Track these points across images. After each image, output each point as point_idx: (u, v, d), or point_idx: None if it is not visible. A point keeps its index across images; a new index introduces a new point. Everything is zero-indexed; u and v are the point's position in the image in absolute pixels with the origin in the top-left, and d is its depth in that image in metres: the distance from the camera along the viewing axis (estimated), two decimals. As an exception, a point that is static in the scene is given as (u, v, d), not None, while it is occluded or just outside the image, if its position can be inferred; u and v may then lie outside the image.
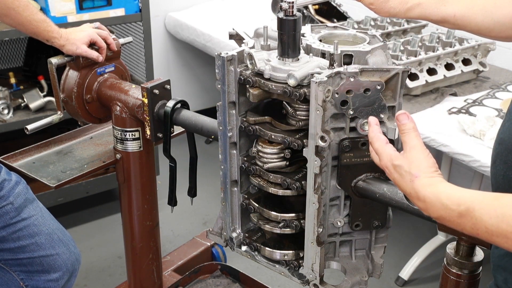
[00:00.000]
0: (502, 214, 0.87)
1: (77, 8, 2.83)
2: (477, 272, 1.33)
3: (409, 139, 1.06)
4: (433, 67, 2.54)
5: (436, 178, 1.00)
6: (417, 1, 1.47)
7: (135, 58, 3.28)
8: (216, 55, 1.38)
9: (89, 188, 3.09)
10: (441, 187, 0.98)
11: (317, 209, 1.34)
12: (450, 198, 0.95)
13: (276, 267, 1.52)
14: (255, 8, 3.73)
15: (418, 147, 1.05)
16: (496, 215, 0.88)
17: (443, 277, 1.36)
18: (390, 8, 1.49)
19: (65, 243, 1.86)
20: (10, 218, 1.73)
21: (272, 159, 1.43)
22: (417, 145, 1.05)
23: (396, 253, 2.89)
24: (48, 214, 1.85)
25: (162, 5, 3.77)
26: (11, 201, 1.72)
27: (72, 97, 1.90)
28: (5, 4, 1.73)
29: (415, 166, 1.02)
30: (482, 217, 0.90)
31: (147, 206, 2.01)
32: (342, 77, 1.25)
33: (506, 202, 0.88)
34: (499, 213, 0.88)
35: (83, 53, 1.85)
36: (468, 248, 1.32)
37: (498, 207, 0.88)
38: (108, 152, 2.03)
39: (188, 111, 1.77)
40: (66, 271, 1.85)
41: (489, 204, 0.90)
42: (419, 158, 1.03)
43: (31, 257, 1.79)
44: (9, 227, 1.74)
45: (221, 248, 2.65)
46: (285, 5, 1.29)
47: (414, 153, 1.04)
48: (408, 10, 1.48)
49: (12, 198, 1.72)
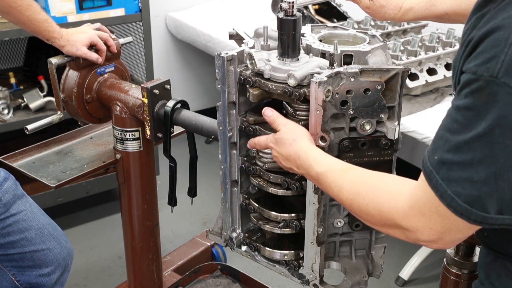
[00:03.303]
0: (341, 185, 1.11)
1: (77, 8, 2.83)
2: (477, 272, 1.33)
3: (280, 121, 1.27)
4: (433, 67, 2.54)
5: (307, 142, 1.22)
6: (409, 6, 1.54)
7: (135, 58, 3.28)
8: (216, 55, 1.38)
9: (89, 188, 3.09)
10: (311, 151, 1.20)
11: (317, 209, 1.34)
12: (316, 160, 1.18)
13: (276, 267, 1.53)
14: (255, 8, 3.72)
15: (290, 122, 1.27)
16: (336, 185, 1.11)
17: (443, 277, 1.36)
18: (385, 13, 1.57)
19: (56, 238, 1.86)
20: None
21: (272, 159, 1.43)
22: (288, 121, 1.27)
23: (396, 253, 2.89)
24: (38, 209, 1.85)
25: (162, 5, 3.77)
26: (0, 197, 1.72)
27: (72, 97, 1.90)
28: (8, 3, 1.73)
29: (293, 132, 1.23)
30: (330, 183, 1.13)
31: (147, 206, 2.01)
32: (342, 77, 1.25)
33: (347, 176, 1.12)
34: (339, 184, 1.11)
35: (82, 55, 1.85)
36: (467, 248, 1.32)
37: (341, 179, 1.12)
38: (108, 152, 2.03)
39: (188, 111, 1.77)
40: (58, 265, 1.85)
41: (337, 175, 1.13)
42: (295, 126, 1.26)
43: (21, 252, 1.79)
44: None
45: (221, 248, 2.65)
46: (285, 5, 1.29)
47: (290, 125, 1.26)
48: (402, 15, 1.55)
49: (0, 194, 1.72)
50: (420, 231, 0.97)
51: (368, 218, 1.07)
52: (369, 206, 1.05)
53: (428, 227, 0.96)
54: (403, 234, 1.01)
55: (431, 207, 0.95)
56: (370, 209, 1.05)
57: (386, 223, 1.03)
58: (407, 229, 0.99)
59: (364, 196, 1.06)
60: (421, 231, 0.97)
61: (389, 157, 1.33)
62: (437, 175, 0.92)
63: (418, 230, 0.98)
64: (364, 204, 1.06)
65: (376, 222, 1.06)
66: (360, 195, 1.07)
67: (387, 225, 1.03)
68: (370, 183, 1.08)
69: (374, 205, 1.04)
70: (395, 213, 1.00)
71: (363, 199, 1.06)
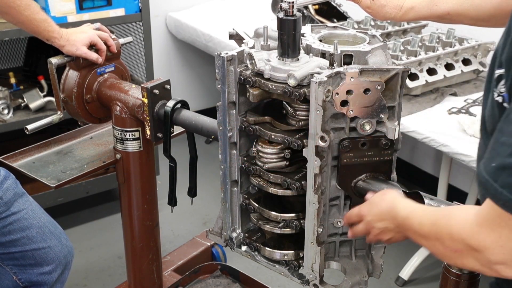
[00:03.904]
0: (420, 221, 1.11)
1: (77, 8, 2.83)
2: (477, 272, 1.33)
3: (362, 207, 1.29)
4: (433, 67, 2.54)
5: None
6: (410, 5, 1.52)
7: (135, 58, 3.28)
8: (216, 55, 1.38)
9: (89, 188, 3.09)
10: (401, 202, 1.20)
11: (317, 209, 1.34)
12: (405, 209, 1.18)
13: (276, 267, 1.53)
14: (255, 8, 3.72)
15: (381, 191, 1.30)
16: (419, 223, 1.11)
17: (443, 277, 1.36)
18: (385, 13, 1.55)
19: (57, 236, 1.86)
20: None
21: (272, 159, 1.43)
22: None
23: (396, 253, 2.89)
24: (38, 208, 1.86)
25: (162, 5, 3.77)
26: (0, 196, 1.72)
27: (72, 97, 1.90)
28: (6, 3, 1.74)
29: (381, 193, 1.27)
30: (413, 223, 1.12)
31: (147, 206, 2.02)
32: (342, 77, 1.25)
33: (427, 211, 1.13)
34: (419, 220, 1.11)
35: (82, 55, 1.85)
36: (468, 248, 1.32)
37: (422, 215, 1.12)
38: (108, 152, 2.03)
39: (188, 111, 1.77)
40: (59, 263, 1.86)
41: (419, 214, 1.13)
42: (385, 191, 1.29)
43: (23, 250, 1.79)
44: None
45: (221, 248, 2.65)
46: (285, 5, 1.29)
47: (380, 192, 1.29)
48: (403, 14, 1.54)
49: (1, 193, 1.72)
50: (490, 249, 0.93)
51: (444, 249, 1.04)
52: (443, 232, 1.02)
53: (499, 245, 0.92)
54: (476, 260, 0.97)
55: (501, 222, 0.91)
56: (444, 234, 1.02)
57: (458, 248, 0.99)
58: (477, 250, 0.95)
59: (439, 223, 1.04)
60: (491, 250, 0.93)
61: (389, 157, 1.33)
62: (495, 183, 0.89)
63: (487, 248, 0.93)
64: (439, 232, 1.03)
65: (450, 249, 1.02)
66: (435, 224, 1.05)
67: (460, 251, 0.99)
68: (444, 211, 1.09)
69: (446, 230, 1.02)
70: (464, 232, 0.97)
71: (437, 227, 1.04)
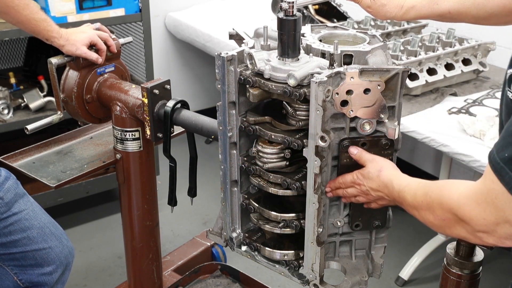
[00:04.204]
0: (414, 193, 1.19)
1: (77, 8, 2.83)
2: (477, 272, 1.33)
3: (366, 157, 1.30)
4: (433, 67, 2.54)
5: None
6: (410, 4, 1.52)
7: (135, 58, 3.28)
8: (216, 55, 1.38)
9: (89, 188, 3.09)
10: (396, 178, 1.26)
11: (317, 209, 1.34)
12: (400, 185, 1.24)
13: (276, 267, 1.52)
14: (255, 8, 3.73)
15: (375, 157, 1.30)
16: (411, 195, 1.19)
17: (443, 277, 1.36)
18: (386, 12, 1.55)
19: (58, 236, 1.86)
20: (0, 213, 1.73)
21: (272, 159, 1.43)
22: (374, 156, 1.30)
23: (396, 253, 2.89)
24: (39, 208, 1.86)
25: (162, 5, 3.77)
26: (1, 196, 1.72)
27: (72, 97, 1.90)
28: (5, 3, 1.74)
29: (378, 165, 1.28)
30: (406, 196, 1.20)
31: (147, 206, 2.01)
32: (342, 77, 1.25)
33: (421, 185, 1.19)
34: (413, 192, 1.19)
35: (82, 55, 1.85)
36: (468, 248, 1.32)
37: (416, 188, 1.19)
38: (108, 152, 2.03)
39: (188, 111, 1.77)
40: (60, 264, 1.86)
41: (413, 186, 1.20)
42: (379, 159, 1.29)
43: (23, 251, 1.79)
44: (0, 222, 1.74)
45: (221, 248, 2.65)
46: (285, 5, 1.29)
47: (375, 159, 1.29)
48: (404, 14, 1.54)
49: (2, 193, 1.72)
50: (474, 221, 1.01)
51: (434, 218, 1.11)
52: (434, 202, 1.10)
53: (482, 217, 1.00)
54: (462, 228, 1.05)
55: (487, 198, 0.98)
56: (435, 204, 1.10)
57: (446, 217, 1.07)
58: (463, 220, 1.03)
59: (431, 194, 1.12)
60: (475, 221, 1.01)
61: (389, 157, 1.33)
62: (511, 171, 0.94)
63: (472, 220, 1.02)
64: (430, 202, 1.11)
65: (439, 218, 1.10)
66: (427, 194, 1.13)
67: (448, 220, 1.07)
68: (437, 183, 1.15)
69: (437, 200, 1.10)
70: (452, 202, 1.05)
71: (429, 197, 1.12)
